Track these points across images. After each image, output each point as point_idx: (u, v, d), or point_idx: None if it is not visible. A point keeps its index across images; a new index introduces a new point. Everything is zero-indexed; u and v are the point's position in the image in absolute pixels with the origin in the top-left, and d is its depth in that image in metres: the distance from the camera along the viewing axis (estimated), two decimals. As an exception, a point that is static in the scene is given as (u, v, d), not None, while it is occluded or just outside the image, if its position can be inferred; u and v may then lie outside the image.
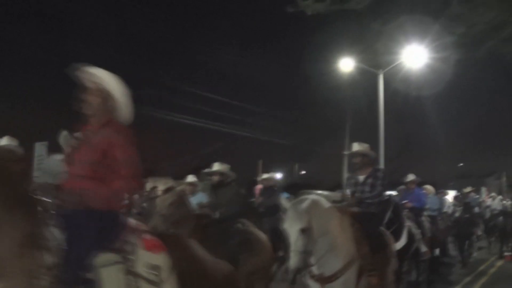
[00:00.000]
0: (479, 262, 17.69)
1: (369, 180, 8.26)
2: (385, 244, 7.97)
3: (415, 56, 26.09)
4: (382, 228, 8.48)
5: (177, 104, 31.92)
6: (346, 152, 9.36)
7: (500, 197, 25.42)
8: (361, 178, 8.35)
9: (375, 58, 27.45)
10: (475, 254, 18.97)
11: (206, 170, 11.05)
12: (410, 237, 11.40)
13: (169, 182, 28.03)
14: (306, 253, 6.17)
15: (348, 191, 8.37)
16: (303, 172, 63.96)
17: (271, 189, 14.47)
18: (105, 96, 4.65)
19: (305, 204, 6.38)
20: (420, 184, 14.69)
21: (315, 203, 6.58)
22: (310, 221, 6.26)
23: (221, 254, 8.45)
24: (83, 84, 4.56)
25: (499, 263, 16.72)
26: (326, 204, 6.96)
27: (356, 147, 8.59)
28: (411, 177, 13.66)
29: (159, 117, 30.49)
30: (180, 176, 13.16)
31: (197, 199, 11.18)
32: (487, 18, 7.83)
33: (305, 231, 6.18)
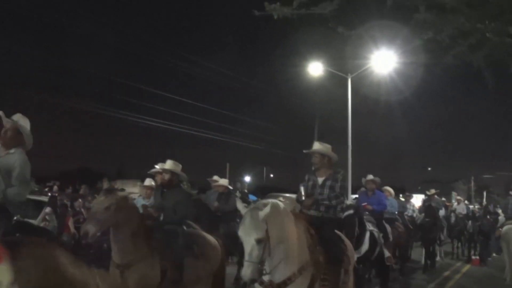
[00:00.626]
0: (444, 267, 17.77)
1: (328, 183, 7.91)
2: (341, 252, 7.57)
3: (383, 61, 26.36)
4: (339, 234, 8.18)
5: (147, 107, 31.79)
6: (305, 151, 8.33)
7: (465, 201, 25.70)
8: (320, 180, 8.01)
9: (344, 63, 27.63)
10: (439, 259, 19.07)
11: (153, 170, 10.88)
12: (373, 241, 11.78)
13: (137, 185, 27.88)
14: (261, 264, 5.84)
15: (302, 192, 7.98)
16: (272, 175, 64.08)
17: (228, 194, 14.25)
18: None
19: (263, 212, 5.93)
20: (383, 186, 14.73)
21: (274, 210, 6.15)
22: (268, 230, 5.90)
23: (165, 257, 8.26)
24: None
25: (465, 268, 16.70)
26: (285, 209, 6.56)
27: (316, 146, 8.21)
28: (370, 176, 13.58)
29: (130, 120, 30.33)
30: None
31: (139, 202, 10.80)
32: (454, 25, 7.84)
33: (261, 241, 5.82)
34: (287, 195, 23.98)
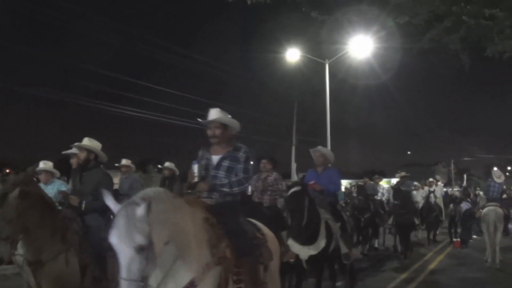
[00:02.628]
0: (424, 251, 17.75)
1: (226, 163, 6.29)
2: (253, 244, 6.03)
3: (361, 46, 26.35)
4: (254, 222, 6.68)
5: (126, 97, 31.37)
6: (200, 120, 6.52)
7: (439, 183, 25.53)
8: (215, 158, 6.34)
9: (321, 48, 27.59)
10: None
11: (68, 151, 9.71)
12: (328, 234, 9.48)
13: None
14: (144, 280, 4.27)
15: (195, 172, 6.21)
16: (251, 162, 64.12)
17: (173, 178, 13.29)
18: None
19: (142, 208, 4.28)
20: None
21: (157, 202, 4.57)
22: (152, 232, 4.31)
23: (84, 251, 7.35)
24: None
25: (447, 250, 16.56)
26: (173, 197, 5.08)
27: (214, 114, 6.37)
28: (319, 148, 11.06)
29: (109, 110, 30.02)
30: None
31: (55, 187, 9.65)
32: (430, 8, 7.81)
33: (143, 249, 4.24)
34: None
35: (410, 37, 8.74)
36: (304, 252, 9.18)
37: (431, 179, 23.61)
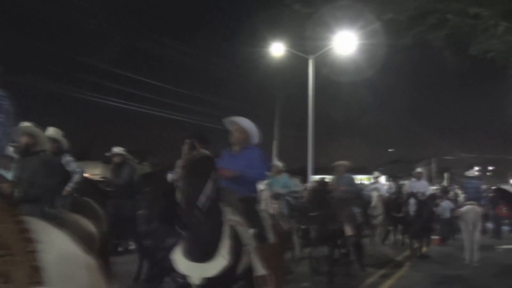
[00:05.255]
0: (402, 249, 17.70)
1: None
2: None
3: (345, 42, 26.38)
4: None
5: (109, 88, 31.19)
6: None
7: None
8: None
9: (306, 44, 27.61)
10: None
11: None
12: (237, 247, 6.38)
13: (99, 166, 27.59)
14: None
15: None
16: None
17: (122, 164, 11.62)
18: None
19: None
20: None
21: None
22: None
23: None
24: None
25: (425, 248, 16.49)
26: None
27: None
28: (238, 120, 7.57)
29: (93, 101, 29.82)
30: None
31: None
32: (414, 5, 7.83)
33: None
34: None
35: (394, 34, 8.75)
36: (195, 272, 6.05)
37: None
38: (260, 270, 6.40)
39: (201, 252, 6.02)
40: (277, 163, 14.46)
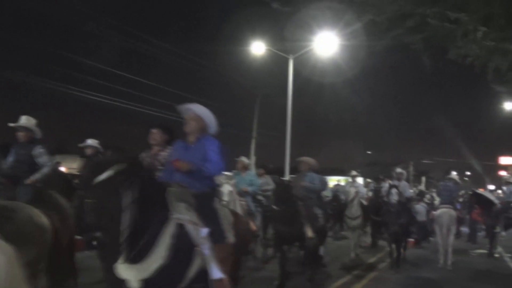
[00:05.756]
0: (369, 254, 17.38)
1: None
2: None
3: (326, 43, 26.46)
4: None
5: (87, 82, 30.88)
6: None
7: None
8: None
9: (287, 44, 27.66)
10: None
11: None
12: (184, 249, 5.78)
13: (76, 160, 27.33)
14: None
15: None
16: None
17: (94, 157, 10.82)
18: None
19: None
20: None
21: None
22: None
23: None
24: None
25: (382, 265, 15.29)
26: None
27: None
28: (192, 106, 6.92)
29: (70, 94, 29.50)
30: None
31: None
32: (393, 8, 7.84)
33: None
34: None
35: (373, 36, 8.76)
36: (132, 275, 5.54)
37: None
38: (215, 273, 5.93)
39: (136, 252, 5.45)
40: (243, 159, 14.04)
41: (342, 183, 24.29)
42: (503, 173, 50.92)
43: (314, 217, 11.96)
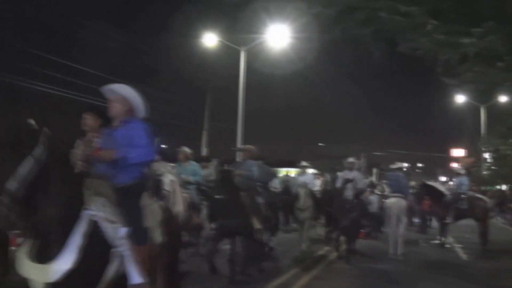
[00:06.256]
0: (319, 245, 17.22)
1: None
2: None
3: (278, 35, 26.51)
4: None
5: (33, 71, 30.16)
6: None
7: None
8: None
9: (240, 36, 27.61)
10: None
11: None
12: (98, 248, 5.10)
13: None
14: None
15: None
16: (164, 146, 63.49)
17: None
18: None
19: None
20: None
21: None
22: None
23: None
24: None
25: (332, 257, 15.09)
26: None
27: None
28: (117, 87, 6.15)
29: (15, 85, 28.83)
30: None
31: None
32: (342, 0, 7.83)
33: None
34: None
35: (323, 28, 8.73)
36: (36, 275, 4.89)
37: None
38: (135, 278, 5.26)
39: (41, 251, 4.86)
40: (185, 149, 13.54)
41: (293, 175, 24.26)
42: (454, 165, 51.88)
43: (258, 208, 11.61)
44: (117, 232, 5.16)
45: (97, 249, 4.93)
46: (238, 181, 11.45)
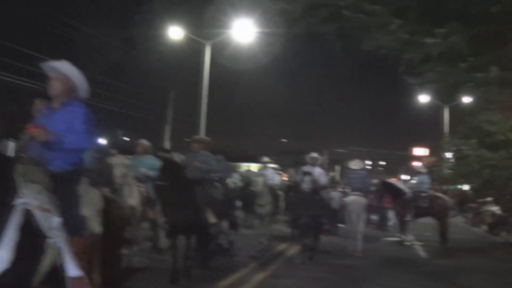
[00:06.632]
0: (278, 241, 16.96)
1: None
2: None
3: (243, 30, 26.55)
4: None
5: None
6: None
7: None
8: None
9: (206, 30, 27.55)
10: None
11: None
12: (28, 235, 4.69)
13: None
14: None
15: None
16: (127, 138, 62.89)
17: None
18: None
19: None
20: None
21: None
22: None
23: None
24: None
25: (291, 252, 15.13)
26: None
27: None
28: (55, 64, 5.91)
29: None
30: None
31: None
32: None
33: None
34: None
35: (288, 23, 8.76)
36: None
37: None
38: (71, 270, 4.87)
39: None
40: (144, 142, 13.17)
41: (255, 170, 24.27)
42: (416, 163, 52.42)
43: (213, 202, 11.32)
44: (51, 222, 4.79)
45: (30, 240, 4.54)
46: (192, 174, 11.22)
